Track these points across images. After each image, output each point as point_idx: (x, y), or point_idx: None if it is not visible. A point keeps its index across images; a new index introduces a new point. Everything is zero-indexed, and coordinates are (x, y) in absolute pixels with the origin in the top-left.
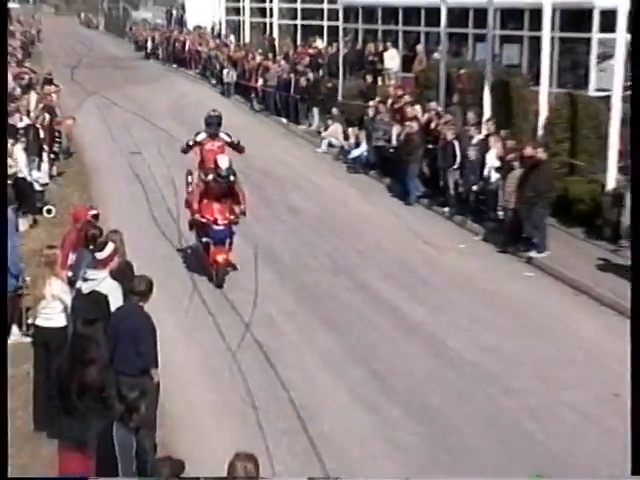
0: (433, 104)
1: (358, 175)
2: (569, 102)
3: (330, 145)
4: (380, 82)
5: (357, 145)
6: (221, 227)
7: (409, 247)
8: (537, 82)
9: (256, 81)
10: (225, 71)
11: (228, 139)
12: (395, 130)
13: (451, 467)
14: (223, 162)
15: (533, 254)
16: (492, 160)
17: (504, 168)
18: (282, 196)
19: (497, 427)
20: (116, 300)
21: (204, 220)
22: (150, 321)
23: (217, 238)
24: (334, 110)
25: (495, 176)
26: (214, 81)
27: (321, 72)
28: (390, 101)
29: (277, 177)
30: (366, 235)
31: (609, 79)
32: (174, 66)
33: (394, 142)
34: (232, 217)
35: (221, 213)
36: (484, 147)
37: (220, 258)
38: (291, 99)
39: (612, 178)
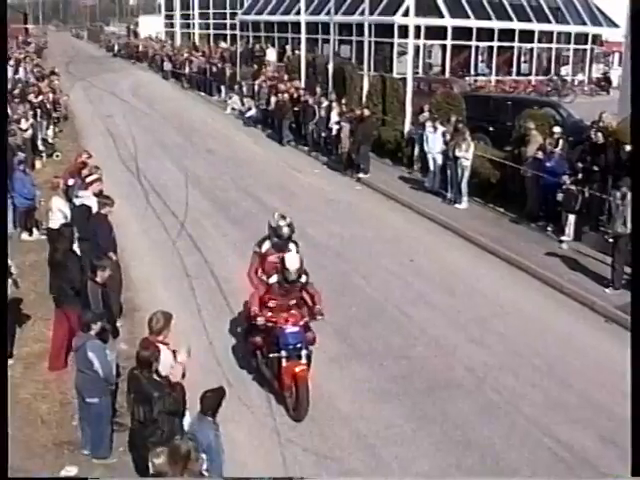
0: (296, 82)
1: (250, 128)
2: (381, 81)
3: (232, 109)
4: (263, 69)
5: (249, 109)
6: (295, 329)
7: (283, 172)
8: (361, 68)
9: (184, 69)
10: (164, 63)
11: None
12: (272, 99)
13: None
14: (292, 262)
15: (361, 175)
16: (334, 117)
17: (342, 122)
18: (203, 141)
19: (339, 283)
20: (95, 209)
21: (270, 324)
22: (108, 223)
23: (290, 344)
24: (235, 87)
25: (336, 127)
26: (157, 70)
27: (226, 62)
28: (269, 81)
29: (199, 129)
30: (255, 165)
31: (404, 67)
32: (132, 61)
33: (272, 106)
34: (306, 318)
35: (292, 317)
36: (329, 109)
37: (298, 369)
38: (207, 80)
39: (407, 128)
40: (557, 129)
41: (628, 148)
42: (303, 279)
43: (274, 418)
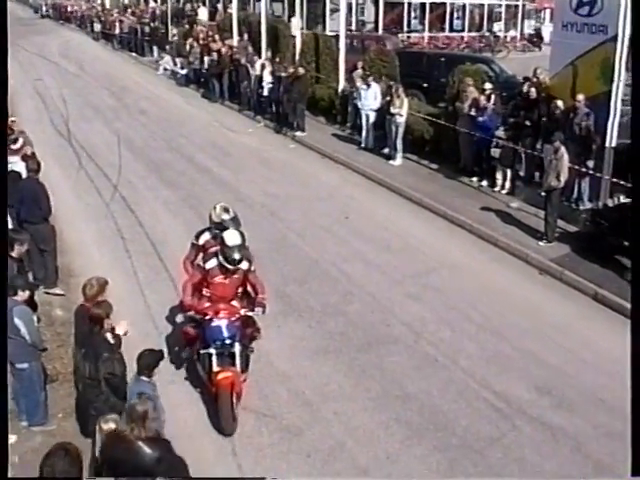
0: (228, 41)
1: (183, 88)
2: (314, 39)
3: (165, 69)
4: (195, 28)
5: (182, 68)
6: (224, 322)
7: (216, 132)
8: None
9: (115, 30)
10: (94, 24)
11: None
12: (205, 58)
13: None
14: (232, 238)
15: (298, 133)
16: (268, 76)
17: (275, 81)
18: (135, 103)
19: (274, 241)
20: (24, 174)
21: (199, 316)
22: (44, 187)
23: (217, 340)
24: (166, 47)
25: (269, 86)
26: (87, 31)
27: (157, 22)
28: (201, 40)
29: (131, 90)
30: (188, 125)
31: (337, 24)
32: (61, 22)
33: (205, 66)
34: (244, 310)
35: (227, 309)
36: (263, 67)
37: (221, 377)
38: (138, 40)
39: (341, 85)
40: (488, 85)
41: (560, 103)
42: (245, 265)
43: None
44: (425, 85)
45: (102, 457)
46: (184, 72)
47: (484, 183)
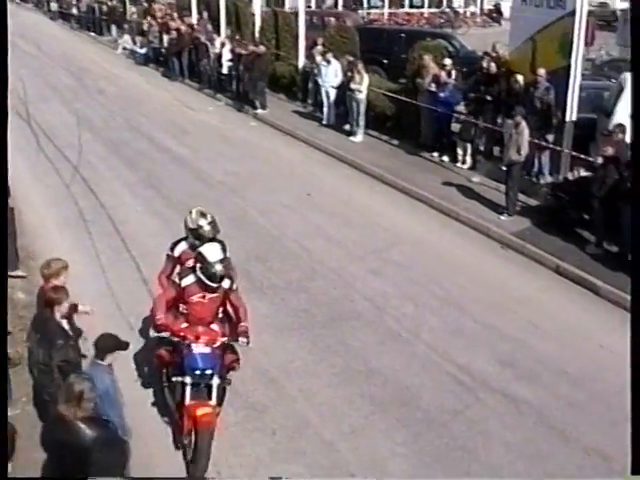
0: (187, 19)
1: (142, 67)
2: (274, 16)
3: (124, 48)
4: (153, 6)
5: (141, 47)
6: (206, 350)
7: (176, 110)
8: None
9: (72, 9)
10: (51, 4)
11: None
12: (165, 37)
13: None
14: (212, 253)
15: (259, 111)
16: (227, 54)
17: (235, 59)
18: (94, 82)
19: (236, 219)
20: None
21: (177, 339)
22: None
23: (196, 369)
24: (125, 26)
25: (229, 64)
26: (44, 10)
27: (115, 1)
28: (159, 19)
29: (90, 70)
30: (148, 104)
31: (296, 1)
32: (17, 2)
33: (165, 45)
34: (227, 339)
35: (207, 334)
36: (223, 45)
37: (201, 412)
38: (97, 20)
39: (301, 62)
40: (448, 60)
41: (519, 78)
42: (226, 284)
43: None
44: (385, 61)
45: (44, 438)
46: (143, 51)
47: (445, 158)
